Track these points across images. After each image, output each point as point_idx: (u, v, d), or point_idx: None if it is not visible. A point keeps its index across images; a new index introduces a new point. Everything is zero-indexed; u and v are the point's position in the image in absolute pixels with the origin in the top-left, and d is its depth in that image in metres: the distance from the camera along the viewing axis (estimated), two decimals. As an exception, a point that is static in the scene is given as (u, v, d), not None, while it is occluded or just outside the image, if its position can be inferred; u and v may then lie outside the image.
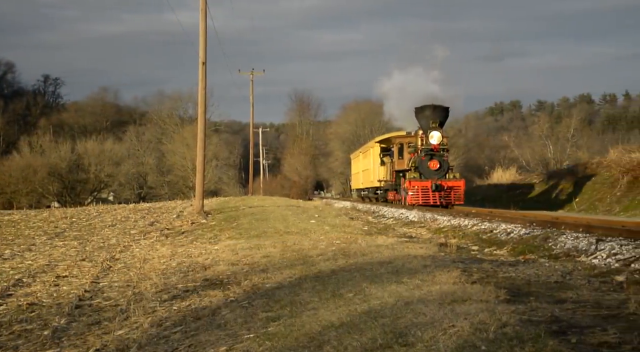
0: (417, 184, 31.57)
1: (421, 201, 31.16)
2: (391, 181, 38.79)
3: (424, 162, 32.09)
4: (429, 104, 32.70)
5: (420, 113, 32.81)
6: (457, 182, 31.83)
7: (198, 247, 16.51)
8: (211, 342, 7.10)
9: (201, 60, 28.69)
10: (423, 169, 32.12)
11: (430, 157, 32.12)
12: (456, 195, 31.60)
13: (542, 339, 5.19)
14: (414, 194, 31.51)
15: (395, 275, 9.10)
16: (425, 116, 32.40)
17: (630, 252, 10.61)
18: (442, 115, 32.70)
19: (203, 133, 29.37)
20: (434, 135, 31.95)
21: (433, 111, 32.31)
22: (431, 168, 31.95)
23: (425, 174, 31.95)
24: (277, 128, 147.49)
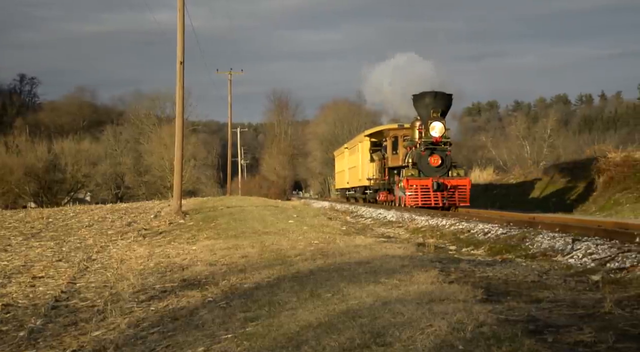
0: (416, 182, 27.62)
1: (420, 202, 27.40)
2: (383, 179, 34.85)
3: (423, 158, 28.12)
4: (429, 91, 28.55)
5: (419, 101, 28.73)
6: (462, 181, 27.78)
7: (176, 248, 16.44)
8: (189, 342, 7.08)
9: (179, 60, 28.59)
10: (422, 165, 28.16)
11: (430, 151, 28.07)
12: (461, 195, 27.55)
13: (518, 339, 5.22)
14: (413, 194, 27.62)
15: (374, 275, 9.11)
16: (424, 104, 28.29)
17: (606, 252, 10.70)
18: (444, 103, 28.41)
19: (181, 133, 29.27)
20: (435, 127, 27.79)
21: (434, 99, 28.15)
22: (432, 164, 28.00)
23: (425, 171, 28.01)
24: (256, 128, 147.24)
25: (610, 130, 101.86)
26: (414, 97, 28.88)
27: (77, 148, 77.34)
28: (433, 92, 28.28)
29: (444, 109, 28.35)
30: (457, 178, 27.72)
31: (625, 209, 30.22)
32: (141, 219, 27.08)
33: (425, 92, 28.46)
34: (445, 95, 28.49)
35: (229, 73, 63.22)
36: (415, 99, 28.85)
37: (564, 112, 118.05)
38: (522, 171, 54.93)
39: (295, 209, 33.06)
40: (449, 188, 27.38)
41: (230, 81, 63.22)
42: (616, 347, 5.10)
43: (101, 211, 33.78)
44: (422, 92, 28.58)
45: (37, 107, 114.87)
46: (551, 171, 46.66)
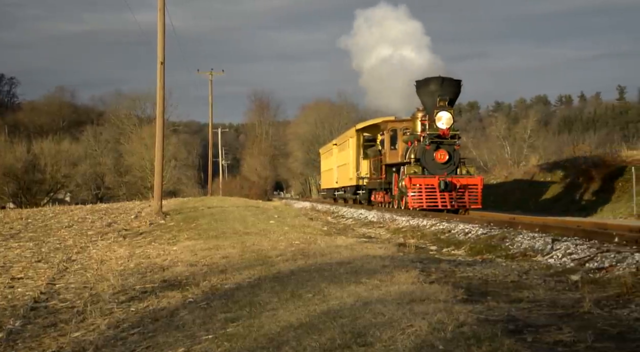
0: (421, 181, 24.41)
1: (425, 203, 24.26)
2: (379, 177, 31.32)
3: (428, 153, 24.95)
4: (435, 76, 25.36)
5: (423, 88, 25.46)
6: (473, 179, 24.74)
7: (156, 248, 16.38)
8: (169, 343, 7.06)
9: (159, 60, 28.48)
10: (427, 161, 25.00)
11: (436, 146, 24.97)
12: (472, 196, 24.47)
13: (498, 338, 5.24)
14: (417, 194, 24.39)
15: (354, 275, 9.12)
16: (429, 92, 25.10)
17: (585, 252, 10.77)
18: (452, 90, 25.20)
19: (161, 133, 29.16)
20: (442, 117, 24.71)
21: (441, 85, 24.94)
22: (438, 160, 24.88)
23: (430, 168, 24.93)
24: (237, 128, 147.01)
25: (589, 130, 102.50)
26: (417, 84, 25.73)
27: (57, 148, 76.85)
28: (439, 78, 25.14)
29: (452, 96, 25.20)
30: (467, 176, 24.78)
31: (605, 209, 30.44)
32: (121, 220, 26.95)
33: (431, 78, 25.33)
34: (453, 82, 25.39)
35: (210, 73, 63.11)
36: (418, 86, 25.73)
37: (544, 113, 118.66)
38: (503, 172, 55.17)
39: (276, 209, 33.03)
40: (458, 188, 24.35)
41: (211, 81, 63.19)
42: (595, 347, 5.13)
43: (81, 211, 33.59)
44: (427, 78, 25.46)
45: (16, 107, 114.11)
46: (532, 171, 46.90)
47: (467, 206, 24.39)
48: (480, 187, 24.55)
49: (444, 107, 24.81)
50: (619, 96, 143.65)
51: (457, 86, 25.42)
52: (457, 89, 25.40)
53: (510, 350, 5.00)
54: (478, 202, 24.42)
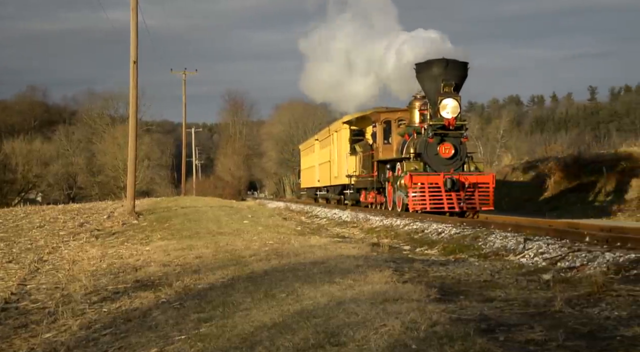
0: (423, 179, 21.31)
1: (429, 205, 21.14)
2: (370, 175, 27.88)
3: (431, 147, 21.88)
4: (438, 58, 22.13)
5: (425, 71, 22.31)
6: (484, 177, 21.72)
7: (129, 248, 16.29)
8: (142, 344, 7.02)
9: (132, 59, 28.33)
10: (430, 156, 21.92)
11: (440, 138, 21.82)
12: (483, 196, 21.38)
13: (471, 338, 5.27)
14: (419, 195, 21.31)
15: (328, 275, 9.12)
16: (432, 76, 21.98)
17: (557, 251, 10.86)
18: (458, 74, 22.06)
19: (134, 133, 29.01)
20: (447, 105, 21.47)
21: (445, 68, 21.81)
22: (442, 155, 21.77)
23: (432, 164, 21.88)
24: (211, 128, 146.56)
25: (561, 131, 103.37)
26: (417, 67, 22.64)
27: (28, 148, 76.23)
28: (444, 60, 21.96)
29: (458, 81, 22.06)
30: (476, 173, 21.81)
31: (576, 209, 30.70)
32: (94, 220, 26.77)
33: (433, 60, 22.16)
34: (458, 64, 22.25)
35: (183, 73, 62.90)
36: (419, 70, 22.57)
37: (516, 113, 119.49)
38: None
39: (250, 209, 32.98)
40: (466, 187, 21.34)
41: (184, 81, 62.96)
42: (566, 345, 5.17)
43: (53, 211, 33.30)
44: (429, 61, 22.26)
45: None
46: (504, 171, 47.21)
47: (478, 208, 21.43)
48: (492, 185, 21.54)
49: (449, 94, 21.59)
50: (590, 97, 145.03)
51: (464, 69, 22.28)
52: (464, 72, 22.28)
53: (482, 349, 5.03)
54: (489, 203, 21.49)
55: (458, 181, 21.19)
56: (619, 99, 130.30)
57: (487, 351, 5.00)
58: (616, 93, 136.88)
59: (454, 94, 21.68)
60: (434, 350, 5.08)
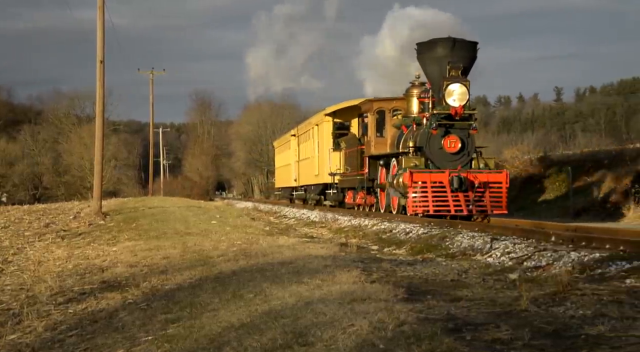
0: (426, 177, 18.53)
1: (432, 207, 18.45)
2: (360, 173, 24.73)
3: (434, 140, 19.15)
4: (443, 37, 19.43)
5: (428, 52, 19.58)
6: (496, 175, 18.98)
7: (95, 249, 16.16)
8: (108, 345, 6.98)
9: (99, 59, 28.14)
10: (432, 151, 19.17)
11: (445, 130, 19.10)
12: (495, 198, 18.68)
13: (438, 337, 5.29)
14: (420, 195, 18.51)
15: (296, 275, 9.12)
16: (436, 58, 19.26)
17: (523, 251, 10.95)
18: (466, 55, 19.32)
19: (101, 133, 28.82)
20: (454, 91, 18.70)
21: (452, 48, 19.05)
22: (447, 149, 19.04)
23: (436, 160, 19.15)
24: (178, 128, 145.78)
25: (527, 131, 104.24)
26: (418, 48, 19.83)
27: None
28: (450, 39, 19.22)
29: (466, 63, 19.28)
30: (486, 171, 19.01)
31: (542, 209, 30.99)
32: (60, 220, 26.53)
33: (437, 39, 19.42)
34: (467, 44, 19.49)
35: (151, 73, 62.61)
36: (420, 51, 19.80)
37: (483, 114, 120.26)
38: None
39: (218, 209, 32.87)
40: (476, 187, 18.52)
41: (151, 81, 62.70)
42: (531, 344, 5.21)
43: (18, 212, 32.94)
44: (433, 39, 19.53)
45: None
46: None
47: (489, 211, 18.67)
48: (505, 185, 18.78)
49: (456, 78, 18.78)
50: (556, 97, 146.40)
51: (473, 50, 19.52)
52: (473, 53, 19.52)
53: (449, 348, 5.05)
54: (502, 205, 18.71)
55: (466, 180, 18.34)
56: (584, 100, 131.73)
57: (454, 350, 5.03)
58: (581, 94, 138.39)
59: (462, 78, 18.90)
60: (402, 350, 5.09)
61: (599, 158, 31.99)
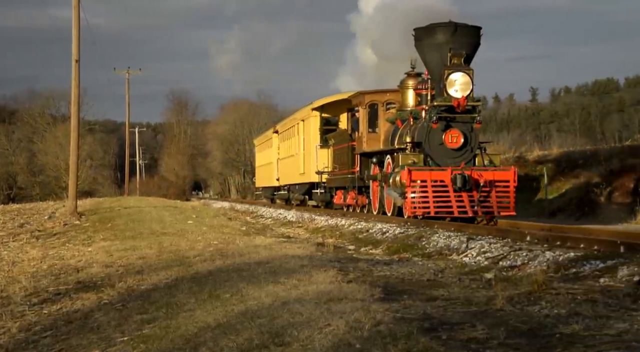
0: (425, 175, 16.97)
1: (433, 209, 16.83)
2: (348, 171, 23.23)
3: (434, 134, 17.53)
4: (443, 22, 17.78)
5: (427, 38, 17.99)
6: (502, 173, 17.40)
7: (71, 249, 16.06)
8: (83, 346, 6.94)
9: (74, 58, 27.99)
10: (433, 146, 17.60)
11: (446, 124, 17.46)
12: (502, 198, 17.19)
13: (414, 336, 5.31)
14: (420, 195, 16.94)
15: (273, 275, 9.11)
16: (436, 44, 17.68)
17: (499, 251, 11.01)
18: (469, 41, 17.78)
19: (76, 132, 28.65)
20: (456, 80, 17.06)
21: (453, 34, 17.45)
22: (449, 145, 17.44)
23: (436, 156, 17.60)
24: (155, 128, 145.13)
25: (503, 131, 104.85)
26: (416, 34, 18.24)
27: (-34, 147, 74.63)
28: (451, 24, 17.62)
29: (469, 51, 17.66)
30: (491, 168, 17.45)
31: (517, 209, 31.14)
32: (34, 220, 26.33)
33: (437, 24, 17.82)
34: (470, 30, 17.92)
35: (127, 72, 62.33)
36: (419, 36, 18.21)
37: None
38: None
39: (194, 209, 32.76)
40: (481, 186, 16.89)
41: (127, 80, 62.41)
42: (507, 343, 5.24)
43: (-8, 212, 32.67)
44: (432, 24, 17.92)
45: None
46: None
47: (495, 212, 17.16)
48: (513, 184, 17.25)
49: (458, 67, 17.18)
50: (531, 98, 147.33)
51: (476, 35, 17.99)
52: (476, 39, 17.98)
53: (425, 348, 5.07)
54: (510, 206, 17.23)
55: (470, 178, 16.77)
56: (559, 100, 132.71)
57: (429, 349, 5.05)
58: (556, 94, 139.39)
59: (465, 67, 17.28)
60: (378, 349, 5.10)
61: (574, 158, 32.21)
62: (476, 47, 17.94)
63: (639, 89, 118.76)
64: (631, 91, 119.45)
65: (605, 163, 28.22)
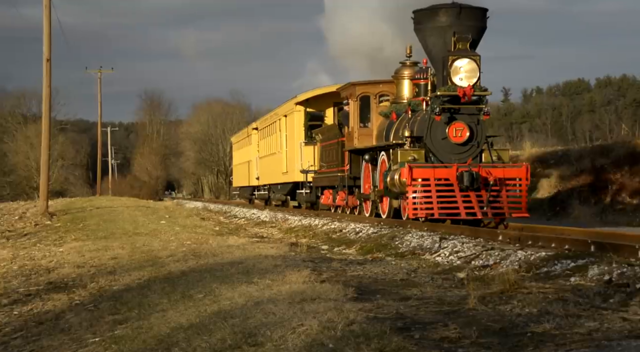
0: (428, 173, 15.23)
1: (438, 210, 15.03)
2: (337, 170, 21.46)
3: (437, 127, 15.83)
4: (446, 3, 16.10)
5: (428, 22, 16.29)
6: (513, 170, 15.79)
7: (42, 250, 15.94)
8: (54, 347, 6.89)
9: (45, 57, 27.81)
10: (435, 141, 15.90)
11: (450, 115, 15.73)
12: (512, 198, 15.60)
13: (387, 336, 5.32)
14: (422, 195, 15.16)
15: (246, 275, 9.09)
16: (438, 28, 15.95)
17: (471, 250, 11.06)
18: (475, 25, 16.07)
19: (48, 132, 28.51)
20: (461, 67, 15.43)
21: (457, 16, 15.78)
22: (453, 139, 15.75)
23: (439, 152, 15.88)
24: (127, 127, 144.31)
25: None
26: (416, 17, 16.54)
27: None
28: (456, 5, 15.94)
29: (475, 35, 16.01)
30: (500, 165, 15.81)
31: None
32: (5, 221, 26.11)
33: (440, 6, 16.18)
34: (476, 12, 16.24)
35: (99, 71, 62.02)
36: (419, 20, 16.49)
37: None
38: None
39: (167, 209, 32.64)
40: (490, 185, 15.19)
41: (99, 79, 62.08)
42: (479, 342, 5.27)
43: (-38, 212, 32.33)
44: (434, 6, 16.28)
45: None
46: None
47: (507, 214, 15.49)
48: (526, 182, 15.72)
49: (464, 52, 15.61)
50: (503, 98, 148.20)
51: (482, 18, 16.35)
52: (483, 23, 16.34)
53: (398, 347, 5.08)
54: (523, 207, 15.56)
55: (479, 176, 15.10)
56: (531, 101, 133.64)
57: (402, 349, 5.06)
58: (528, 95, 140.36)
59: (471, 53, 15.69)
60: (351, 349, 5.11)
61: (545, 158, 32.47)
62: (482, 31, 16.30)
63: (610, 90, 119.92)
64: (601, 92, 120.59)
65: (577, 163, 28.48)
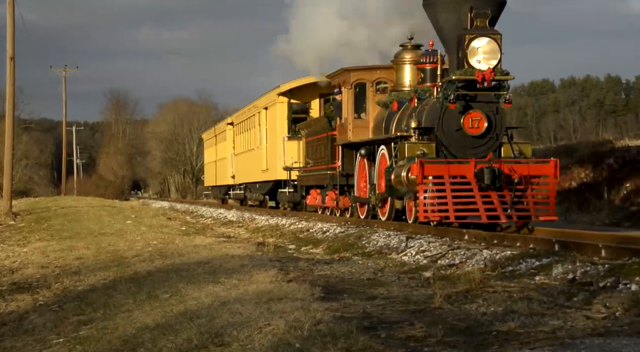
0: (443, 170, 12.94)
1: (453, 212, 12.70)
2: (327, 166, 19.11)
3: (451, 116, 13.51)
4: None
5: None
6: (540, 167, 13.52)
7: (5, 250, 15.75)
8: (17, 348, 6.81)
9: (9, 55, 27.53)
10: (448, 132, 13.61)
11: (465, 104, 13.39)
12: (540, 198, 13.37)
13: (353, 335, 5.33)
14: (435, 195, 12.87)
15: (213, 275, 9.07)
16: (453, 2, 13.44)
17: (437, 249, 11.12)
18: (493, 1, 13.50)
19: (11, 131, 28.24)
20: (479, 48, 13.06)
21: None
22: (469, 131, 13.44)
23: (453, 145, 13.64)
24: (92, 126, 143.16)
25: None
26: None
27: None
28: None
29: (495, 11, 13.51)
30: (523, 160, 13.54)
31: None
32: (-32, 221, 25.75)
33: None
34: None
35: (64, 70, 61.47)
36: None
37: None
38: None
39: (133, 209, 32.43)
40: (514, 184, 12.87)
41: (64, 78, 61.51)
42: (445, 341, 5.30)
43: None
44: None
45: None
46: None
47: (533, 217, 13.10)
48: (554, 181, 13.48)
49: (482, 30, 13.18)
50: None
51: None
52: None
53: (364, 346, 5.10)
54: (551, 209, 13.24)
55: (501, 173, 12.82)
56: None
57: (369, 348, 5.08)
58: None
59: (491, 31, 13.28)
60: (318, 348, 5.11)
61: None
62: (502, 5, 13.85)
63: (574, 90, 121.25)
64: (566, 92, 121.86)
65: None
